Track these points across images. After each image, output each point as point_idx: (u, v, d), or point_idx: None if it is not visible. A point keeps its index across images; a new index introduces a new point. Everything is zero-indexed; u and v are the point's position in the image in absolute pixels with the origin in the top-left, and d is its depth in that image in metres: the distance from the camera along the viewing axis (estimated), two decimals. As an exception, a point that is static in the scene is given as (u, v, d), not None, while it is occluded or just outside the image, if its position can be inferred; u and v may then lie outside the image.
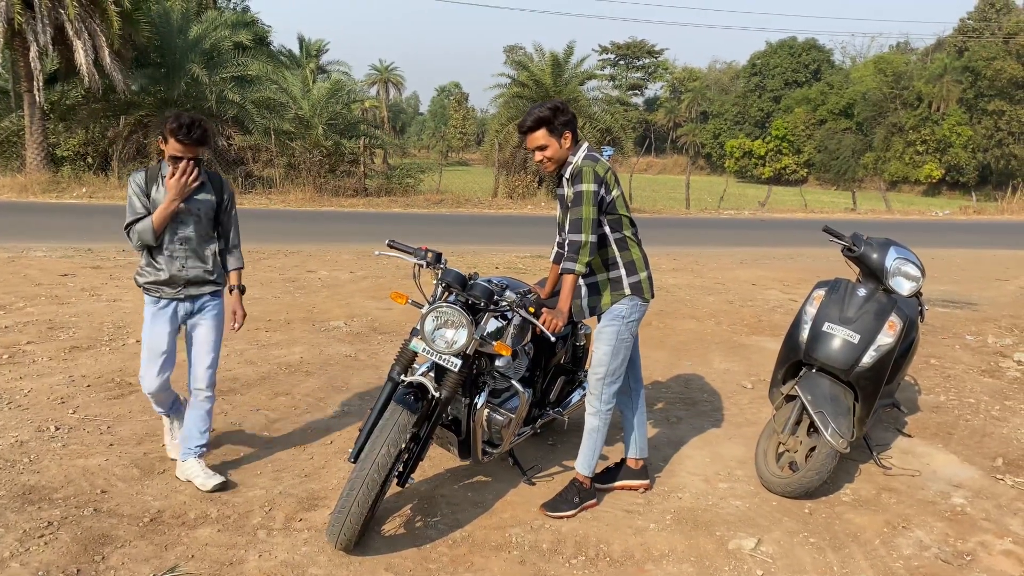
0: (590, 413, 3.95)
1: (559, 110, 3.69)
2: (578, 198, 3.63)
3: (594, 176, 3.61)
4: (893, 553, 3.65)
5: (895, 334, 4.16)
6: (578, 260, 3.61)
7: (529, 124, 3.70)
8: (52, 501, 3.77)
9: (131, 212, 3.83)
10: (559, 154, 3.73)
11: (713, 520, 3.90)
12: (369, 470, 3.25)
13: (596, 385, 3.88)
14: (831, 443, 3.96)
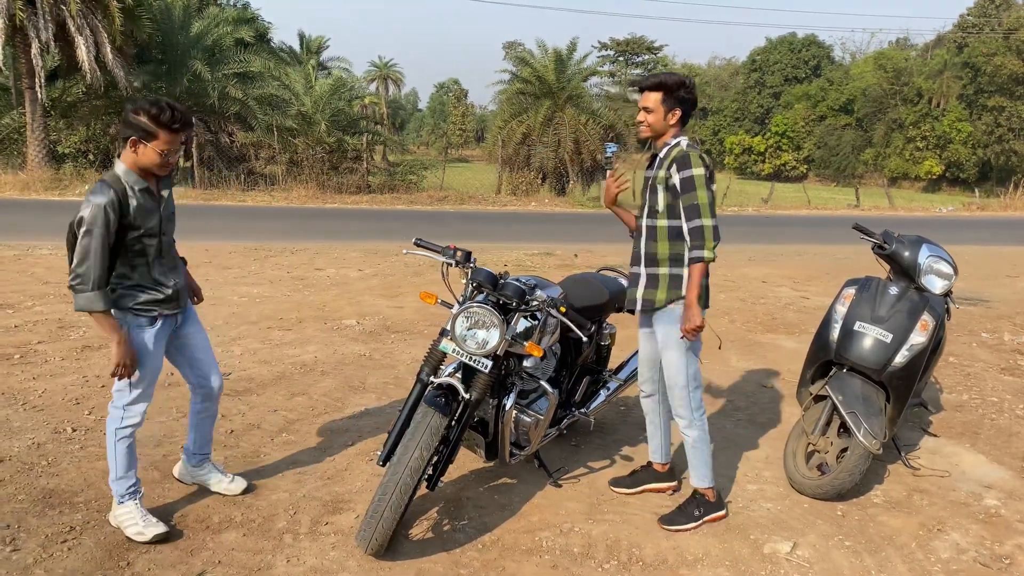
0: (684, 426, 3.78)
1: (684, 85, 3.54)
2: (689, 183, 3.46)
3: (702, 160, 3.48)
4: (931, 556, 3.58)
5: (928, 333, 4.10)
6: (705, 246, 3.43)
7: (649, 83, 3.56)
8: (73, 505, 3.70)
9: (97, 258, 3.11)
10: (659, 125, 3.57)
11: (745, 523, 3.84)
12: (402, 474, 3.19)
13: (681, 395, 3.71)
14: (864, 444, 3.90)
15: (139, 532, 3.43)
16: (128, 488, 3.48)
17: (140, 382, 3.41)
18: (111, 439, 3.44)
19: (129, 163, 3.22)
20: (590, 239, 14.99)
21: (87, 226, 3.11)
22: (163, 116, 3.14)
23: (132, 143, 3.17)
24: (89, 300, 3.15)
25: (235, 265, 10.23)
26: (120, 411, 3.43)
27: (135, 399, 3.43)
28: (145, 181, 3.27)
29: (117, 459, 3.45)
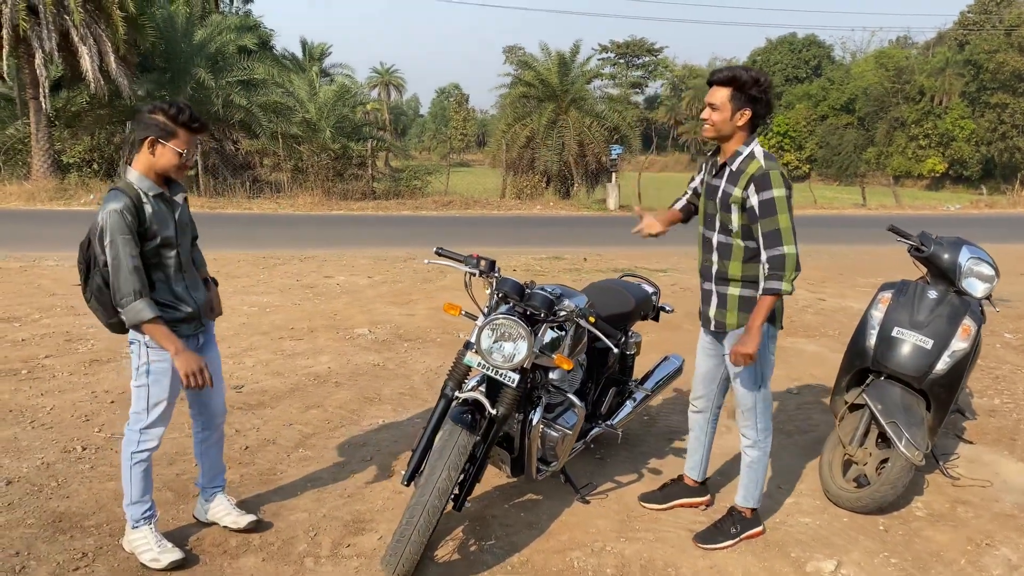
0: (747, 445, 3.60)
1: (758, 84, 3.21)
2: (770, 206, 3.19)
3: (783, 180, 3.22)
4: (983, 573, 3.43)
5: (970, 338, 3.94)
6: (785, 277, 3.18)
7: (720, 76, 3.25)
8: (84, 529, 3.56)
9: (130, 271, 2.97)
10: (725, 125, 3.26)
11: (784, 540, 3.68)
12: (429, 496, 3.04)
13: (748, 416, 3.54)
14: (906, 455, 3.74)
15: (154, 559, 3.28)
16: (143, 512, 3.33)
17: (157, 407, 3.25)
18: (126, 462, 3.28)
19: (144, 167, 3.08)
20: (598, 242, 14.84)
21: (109, 236, 2.97)
22: (182, 115, 3.04)
23: (150, 144, 3.04)
24: (135, 311, 3.00)
25: (243, 274, 10.10)
26: (137, 434, 3.27)
27: (153, 422, 3.27)
28: (159, 187, 3.14)
29: (132, 483, 3.30)
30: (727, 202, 3.32)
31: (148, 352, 3.16)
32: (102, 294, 3.09)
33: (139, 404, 3.24)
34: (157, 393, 3.22)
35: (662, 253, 13.56)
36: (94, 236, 3.06)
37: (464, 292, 3.74)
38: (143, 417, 3.25)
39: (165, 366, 3.19)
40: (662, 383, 4.57)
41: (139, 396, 3.24)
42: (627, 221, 19.97)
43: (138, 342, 3.17)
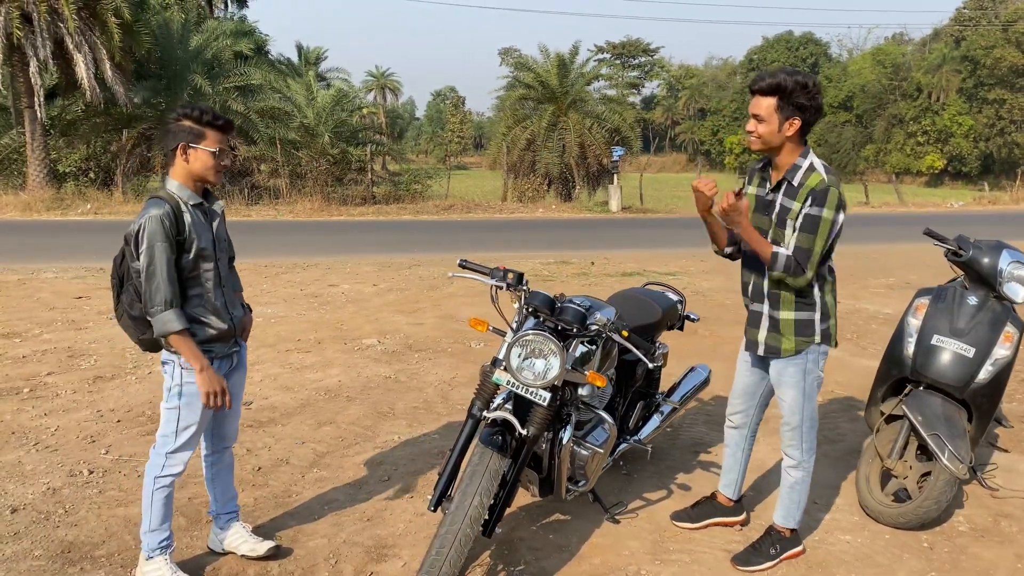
0: (790, 466, 3.45)
1: (806, 89, 2.99)
2: (812, 223, 3.02)
3: (839, 202, 3.04)
4: (1036, 594, 3.28)
5: (1012, 345, 3.80)
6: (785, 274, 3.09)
7: (762, 85, 3.04)
8: (95, 560, 3.40)
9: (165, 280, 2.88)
10: (772, 137, 3.07)
11: (827, 560, 3.53)
12: (461, 524, 2.88)
13: (793, 435, 3.38)
14: (950, 469, 3.59)
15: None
16: (160, 542, 3.18)
17: (187, 430, 3.11)
18: (148, 487, 3.14)
19: (181, 176, 3.00)
20: (603, 246, 14.71)
21: (147, 242, 2.86)
22: (205, 116, 2.97)
23: (182, 150, 2.95)
24: (164, 321, 2.90)
25: (246, 283, 9.78)
26: (163, 459, 3.13)
27: (180, 447, 3.13)
28: (198, 196, 3.05)
29: (153, 510, 3.14)
30: (784, 218, 3.14)
31: (183, 373, 3.05)
32: (133, 308, 2.99)
33: (168, 427, 3.11)
34: (188, 416, 3.10)
35: (671, 256, 13.43)
36: (130, 246, 2.95)
37: (465, 301, 3.57)
38: (170, 441, 3.12)
39: (195, 393, 3.06)
40: (689, 395, 4.42)
41: (169, 419, 3.11)
42: (631, 224, 19.90)
43: (173, 362, 3.06)
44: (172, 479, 3.16)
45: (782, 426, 3.45)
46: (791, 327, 3.26)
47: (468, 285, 10.20)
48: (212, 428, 3.41)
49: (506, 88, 27.73)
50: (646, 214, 22.78)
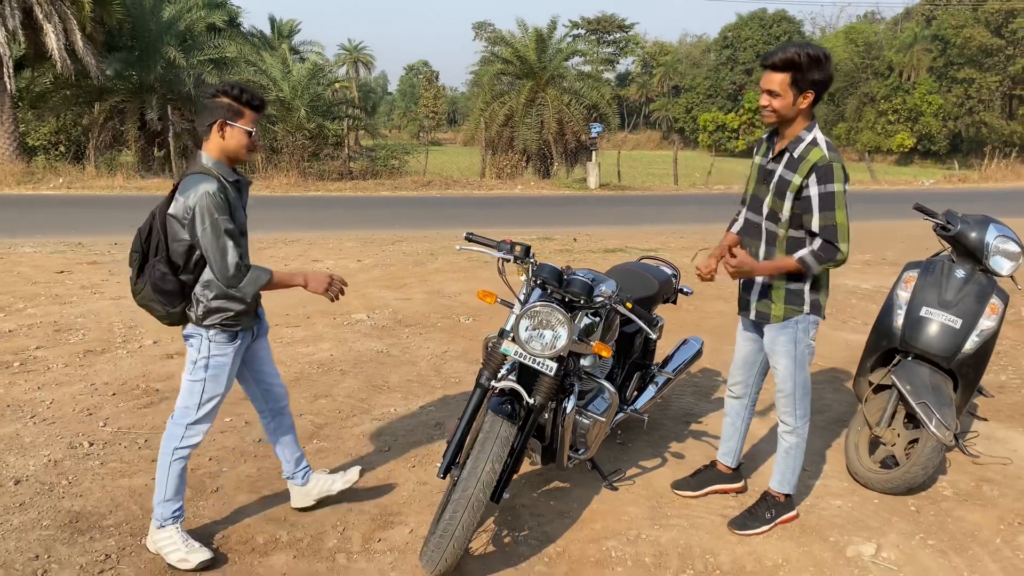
0: (785, 431, 3.55)
1: (818, 63, 3.05)
2: (828, 200, 3.10)
3: (844, 174, 3.14)
4: (1019, 554, 3.42)
5: (997, 317, 3.94)
6: (822, 264, 3.18)
7: (775, 61, 3.09)
8: (103, 529, 3.43)
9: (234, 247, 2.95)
10: (788, 111, 3.13)
11: (820, 524, 3.66)
12: (474, 490, 2.95)
13: (787, 402, 3.48)
14: (937, 435, 3.72)
15: (182, 559, 3.16)
16: (173, 512, 3.22)
17: (209, 402, 3.17)
18: (166, 458, 3.18)
19: (216, 151, 3.04)
20: (583, 222, 14.78)
21: (209, 219, 2.91)
22: (245, 95, 3.02)
23: (219, 126, 3.00)
24: (252, 281, 3.01)
25: (229, 259, 9.87)
26: (182, 429, 3.18)
27: (201, 419, 3.19)
28: (232, 172, 3.09)
29: (168, 480, 3.19)
30: (783, 189, 3.22)
31: (210, 346, 3.10)
32: (165, 282, 3.02)
33: (190, 399, 3.16)
34: (212, 389, 3.16)
35: (651, 232, 13.56)
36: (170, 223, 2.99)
37: (451, 276, 3.62)
38: (191, 412, 3.17)
39: (225, 361, 3.14)
40: (683, 367, 4.52)
41: (192, 391, 3.16)
42: (609, 201, 19.99)
43: (199, 335, 3.11)
44: (189, 450, 3.21)
45: (776, 393, 3.56)
46: (781, 295, 3.36)
47: (452, 261, 10.24)
48: (262, 397, 3.50)
49: (483, 63, 27.57)
50: (624, 191, 22.86)
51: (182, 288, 3.06)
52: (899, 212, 16.52)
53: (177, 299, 3.04)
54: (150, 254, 3.06)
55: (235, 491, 3.83)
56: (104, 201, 16.13)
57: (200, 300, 3.07)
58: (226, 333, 3.13)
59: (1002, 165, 31.69)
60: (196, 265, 3.05)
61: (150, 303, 3.08)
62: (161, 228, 3.01)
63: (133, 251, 3.10)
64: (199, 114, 3.13)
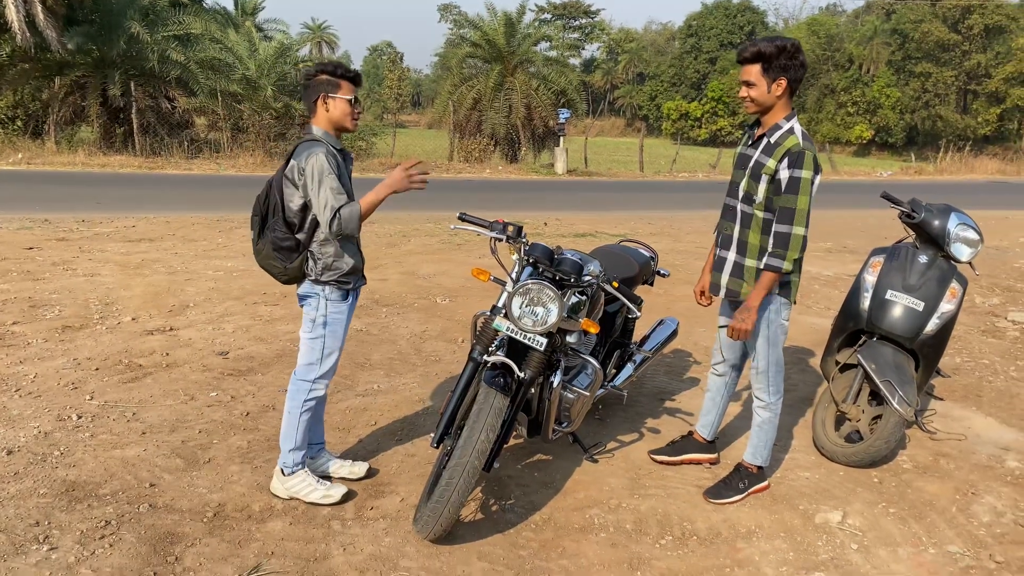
0: (760, 406, 3.75)
1: (785, 51, 3.26)
2: (794, 184, 3.28)
3: (815, 164, 3.30)
4: (973, 520, 3.67)
5: (956, 301, 4.17)
6: (787, 256, 3.33)
7: (746, 55, 3.32)
8: (100, 498, 3.50)
9: (335, 194, 3.20)
10: (764, 99, 3.33)
11: (790, 493, 3.87)
12: (469, 457, 3.08)
13: (761, 379, 3.68)
14: (899, 411, 3.95)
15: (325, 495, 3.51)
16: (302, 457, 3.54)
17: (330, 357, 3.49)
18: (295, 411, 3.48)
19: (324, 124, 3.33)
20: (551, 206, 14.93)
21: (318, 178, 3.18)
22: (340, 69, 3.30)
23: (323, 100, 3.28)
24: (351, 217, 3.21)
25: (200, 237, 9.86)
26: (308, 384, 3.49)
27: (324, 373, 3.50)
28: (338, 142, 3.40)
29: (299, 431, 3.50)
30: (758, 172, 3.40)
31: (327, 304, 3.40)
32: (283, 240, 3.28)
33: (312, 355, 3.47)
34: (331, 344, 3.48)
35: (619, 218, 13.77)
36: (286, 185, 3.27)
37: (425, 258, 3.74)
38: (316, 368, 3.49)
39: (341, 318, 3.47)
40: (660, 346, 4.69)
41: (313, 347, 3.46)
42: (577, 186, 20.17)
43: (316, 295, 3.38)
44: (315, 402, 3.54)
45: (751, 370, 3.75)
46: (753, 275, 3.55)
47: (426, 243, 10.34)
48: None
49: (449, 45, 27.49)
50: (591, 177, 23.07)
51: (298, 245, 3.32)
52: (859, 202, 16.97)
53: (294, 255, 3.31)
54: (268, 216, 3.33)
55: (227, 462, 3.92)
56: (66, 177, 15.86)
57: (319, 258, 3.33)
58: (340, 291, 3.41)
59: (956, 158, 32.62)
60: (310, 225, 3.30)
61: (269, 261, 3.35)
62: (278, 192, 3.31)
63: (253, 215, 3.40)
64: (304, 96, 3.38)
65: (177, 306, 6.61)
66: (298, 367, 3.54)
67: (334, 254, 3.35)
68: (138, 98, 20.26)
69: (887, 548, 3.41)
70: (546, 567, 3.20)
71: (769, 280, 3.40)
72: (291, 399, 3.52)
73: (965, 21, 49.12)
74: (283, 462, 3.55)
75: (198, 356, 5.40)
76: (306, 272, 3.37)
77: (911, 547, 3.43)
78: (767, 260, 3.39)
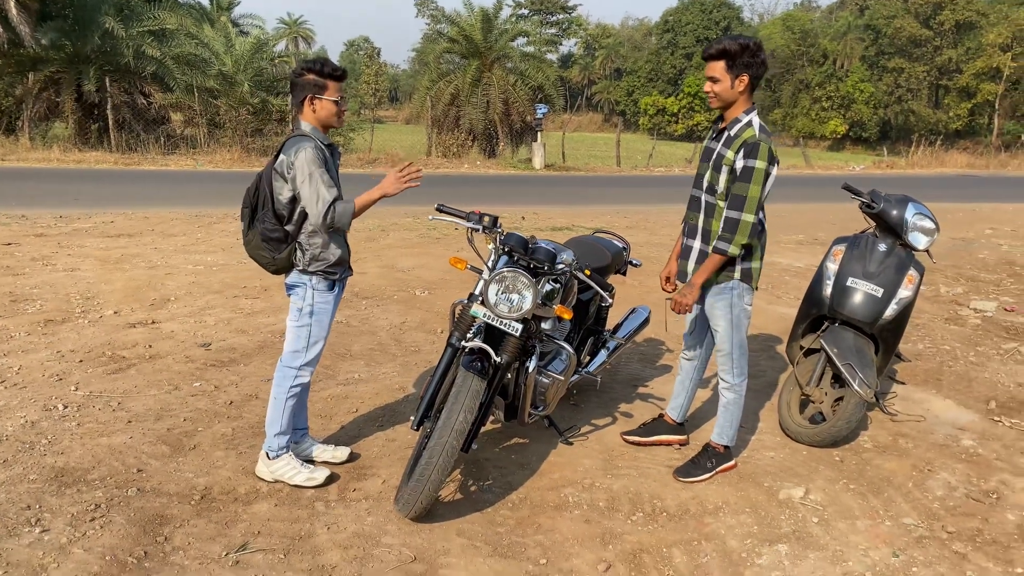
0: (724, 388, 3.92)
1: (748, 50, 3.45)
2: (747, 174, 3.46)
3: (770, 155, 3.47)
4: (927, 495, 3.86)
5: (914, 287, 4.36)
6: (734, 240, 3.50)
7: (711, 52, 3.51)
8: (89, 483, 3.60)
9: (327, 188, 3.33)
10: (727, 94, 3.52)
11: (755, 472, 4.04)
12: (448, 438, 3.22)
13: (726, 361, 3.84)
14: (859, 393, 4.14)
15: (309, 478, 3.64)
16: (287, 442, 3.68)
17: (315, 345, 3.60)
18: (281, 397, 3.61)
19: (311, 120, 3.45)
20: (529, 201, 15.06)
21: (307, 170, 3.30)
22: (326, 68, 3.39)
23: (310, 100, 3.40)
24: (342, 214, 3.37)
25: (180, 232, 9.90)
26: (295, 371, 3.60)
27: (309, 361, 3.62)
28: (326, 137, 3.51)
29: (284, 416, 3.63)
30: (719, 163, 3.59)
31: (314, 294, 3.50)
32: (275, 231, 3.40)
33: (299, 343, 3.59)
34: (317, 332, 3.59)
35: (596, 212, 13.94)
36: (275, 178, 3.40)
37: (403, 251, 3.87)
38: (301, 355, 3.60)
39: (327, 307, 3.59)
40: (632, 333, 4.85)
41: (299, 336, 3.58)
42: (555, 181, 20.31)
43: (303, 284, 3.50)
44: (301, 387, 3.66)
45: (716, 353, 3.92)
46: None
47: (404, 237, 10.44)
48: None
49: (426, 40, 27.53)
50: (568, 172, 23.24)
51: (286, 236, 3.42)
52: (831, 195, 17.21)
53: (282, 246, 3.43)
54: (258, 208, 3.45)
55: (212, 448, 4.03)
56: (42, 174, 15.77)
57: (307, 249, 3.46)
58: (327, 281, 3.53)
59: (928, 152, 33.12)
60: (299, 216, 3.43)
61: (259, 251, 3.48)
62: (267, 185, 3.44)
63: (243, 207, 3.53)
64: (292, 93, 3.47)
65: (158, 300, 6.68)
66: (284, 354, 3.65)
67: (321, 245, 3.47)
68: (113, 94, 20.16)
69: (846, 521, 3.60)
70: (522, 542, 3.34)
71: (714, 263, 3.59)
72: (277, 385, 3.64)
73: (936, 17, 49.77)
74: (268, 446, 3.67)
75: (180, 348, 5.49)
76: (294, 262, 3.49)
77: (869, 520, 3.61)
78: (715, 243, 3.58)
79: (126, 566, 3.01)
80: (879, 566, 3.25)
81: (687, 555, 3.30)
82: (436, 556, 3.19)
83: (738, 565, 3.24)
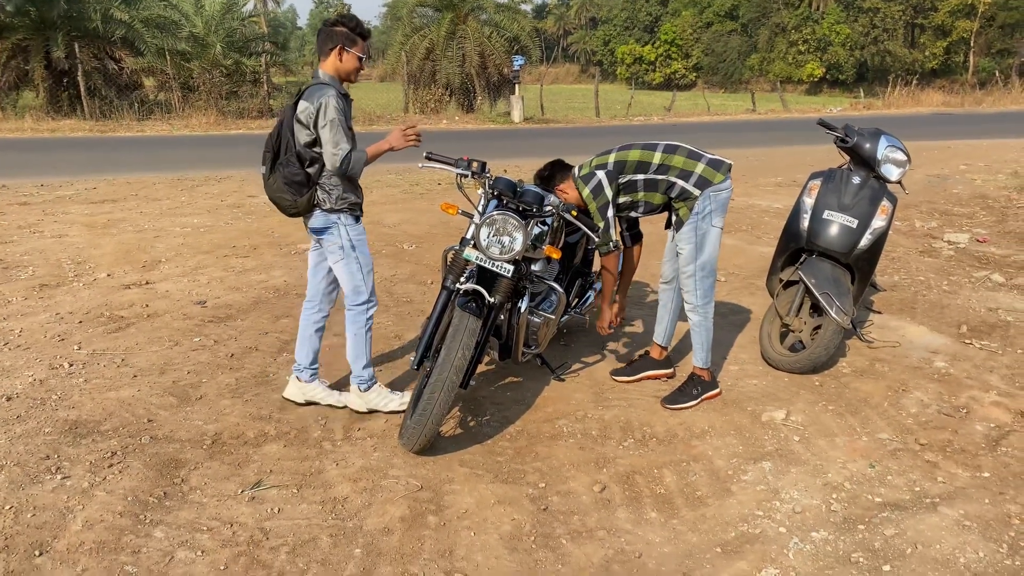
0: (688, 309, 4.10)
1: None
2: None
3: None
4: (902, 412, 4.08)
5: (887, 217, 4.53)
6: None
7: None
8: (103, 433, 3.75)
9: (346, 136, 3.53)
10: None
11: (739, 398, 4.25)
12: (448, 374, 3.38)
13: (688, 283, 4.02)
14: (837, 320, 4.33)
15: (403, 403, 3.94)
16: (373, 372, 3.97)
17: (370, 273, 3.83)
18: (361, 331, 3.88)
19: (332, 70, 3.60)
20: (509, 155, 15.09)
21: (329, 115, 3.46)
22: (359, 27, 3.59)
23: (339, 51, 3.57)
24: (357, 160, 3.56)
25: (163, 196, 9.92)
26: (364, 305, 3.84)
27: (372, 289, 3.86)
28: (342, 87, 3.65)
29: (367, 348, 3.92)
30: None
31: (347, 229, 3.72)
32: (297, 175, 3.55)
33: (355, 278, 3.81)
34: (365, 261, 3.81)
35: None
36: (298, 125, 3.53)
37: (388, 207, 3.99)
38: (363, 288, 3.83)
39: (363, 237, 3.80)
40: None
41: (351, 271, 3.79)
42: (535, 134, 20.31)
43: (335, 223, 3.68)
44: (373, 320, 3.93)
45: (680, 275, 4.12)
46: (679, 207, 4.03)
47: (388, 193, 10.51)
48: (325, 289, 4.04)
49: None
50: (548, 124, 23.21)
51: (308, 179, 3.56)
52: (808, 138, 17.37)
53: (304, 189, 3.60)
54: (280, 152, 3.59)
55: (218, 397, 4.18)
56: (16, 144, 15.62)
57: (331, 190, 3.63)
58: (353, 216, 3.73)
59: (904, 92, 33.24)
60: (319, 159, 3.58)
61: (280, 194, 3.65)
62: (289, 129, 3.58)
63: (265, 152, 3.67)
64: (319, 40, 3.61)
65: (149, 262, 6.76)
66: (347, 296, 3.85)
67: (343, 185, 3.66)
68: (83, 60, 19.84)
69: (825, 438, 3.81)
70: (522, 469, 3.53)
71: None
72: (352, 324, 3.87)
73: (911, -45, 49.53)
74: (359, 380, 3.96)
75: (177, 306, 5.60)
76: (319, 204, 3.64)
77: (846, 436, 3.83)
78: None
79: (148, 505, 3.17)
80: (856, 476, 3.47)
81: (677, 475, 3.51)
82: (441, 484, 3.38)
83: (725, 481, 3.45)
